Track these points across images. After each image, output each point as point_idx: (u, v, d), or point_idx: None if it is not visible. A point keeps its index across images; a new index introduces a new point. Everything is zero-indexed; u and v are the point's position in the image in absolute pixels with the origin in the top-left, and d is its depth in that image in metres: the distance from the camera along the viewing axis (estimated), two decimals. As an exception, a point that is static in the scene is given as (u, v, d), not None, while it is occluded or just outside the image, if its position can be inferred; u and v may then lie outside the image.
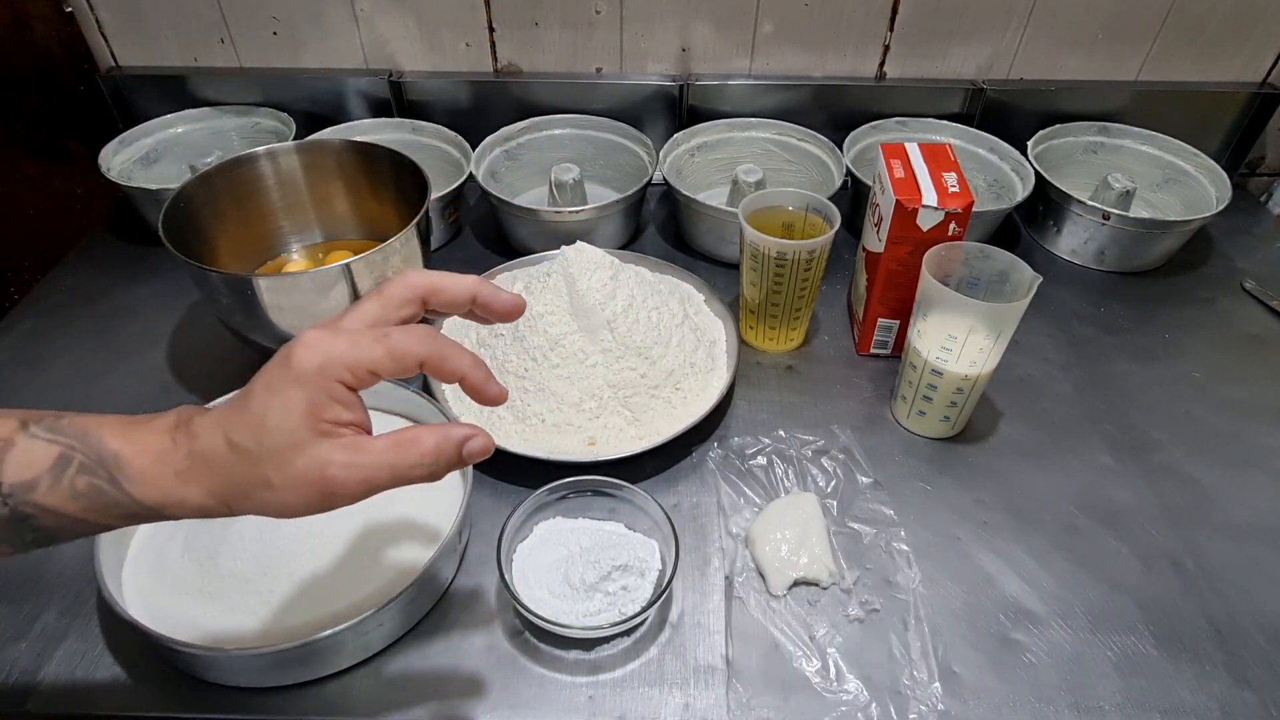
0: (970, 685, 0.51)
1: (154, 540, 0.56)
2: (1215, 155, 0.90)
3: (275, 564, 0.53)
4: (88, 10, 0.91)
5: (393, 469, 0.35)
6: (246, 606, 0.52)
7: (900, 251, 0.66)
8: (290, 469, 0.34)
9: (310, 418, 0.34)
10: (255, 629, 0.51)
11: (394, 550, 0.55)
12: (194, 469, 0.36)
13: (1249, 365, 0.75)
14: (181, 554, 0.54)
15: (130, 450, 0.36)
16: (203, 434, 0.36)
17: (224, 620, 0.51)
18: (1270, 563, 0.59)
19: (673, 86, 0.94)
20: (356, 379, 0.35)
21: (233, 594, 0.52)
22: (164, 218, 0.64)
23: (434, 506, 0.57)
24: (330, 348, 0.35)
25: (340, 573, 0.53)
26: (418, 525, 0.56)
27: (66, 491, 0.35)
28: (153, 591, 0.53)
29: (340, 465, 0.35)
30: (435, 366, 0.37)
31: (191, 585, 0.53)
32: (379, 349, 0.35)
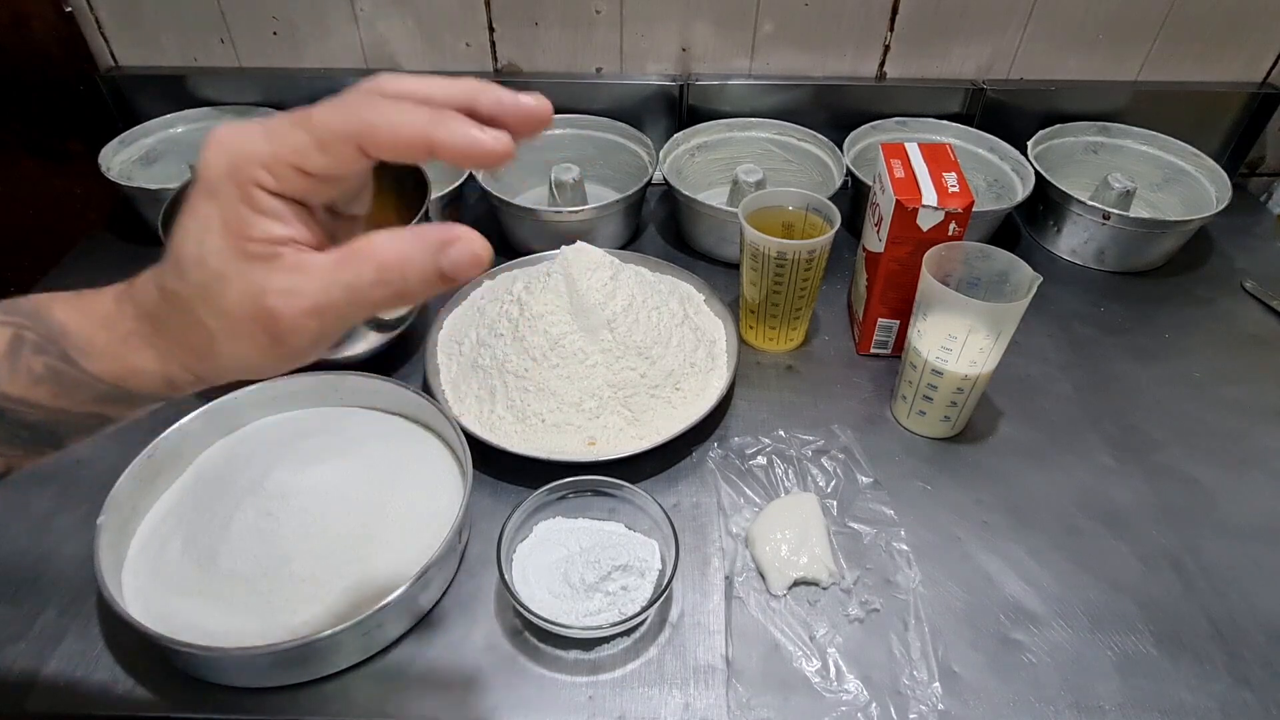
0: (970, 685, 0.51)
1: (153, 540, 0.56)
2: (1215, 155, 0.90)
3: (275, 564, 0.53)
4: (87, 10, 0.91)
5: (348, 289, 0.27)
6: (246, 606, 0.51)
7: (900, 251, 0.66)
8: (223, 305, 0.28)
9: (230, 235, 0.27)
10: (255, 629, 0.50)
11: (394, 550, 0.55)
12: (141, 331, 0.30)
13: (1249, 365, 0.75)
14: (181, 554, 0.54)
15: (75, 320, 0.31)
16: (140, 287, 0.30)
17: (224, 620, 0.51)
18: (1270, 563, 0.59)
19: (673, 86, 0.94)
20: (280, 179, 0.27)
21: (232, 594, 0.52)
22: (164, 218, 0.64)
23: (434, 505, 0.57)
24: (241, 143, 0.27)
25: (340, 573, 0.53)
26: (418, 525, 0.56)
27: (25, 377, 0.31)
28: (152, 591, 0.52)
29: (279, 293, 0.27)
30: (384, 141, 0.27)
31: (191, 585, 0.52)
32: (299, 132, 0.27)
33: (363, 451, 0.61)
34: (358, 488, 0.58)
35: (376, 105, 0.28)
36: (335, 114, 0.28)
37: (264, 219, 0.27)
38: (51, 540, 0.59)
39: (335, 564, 0.54)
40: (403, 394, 0.63)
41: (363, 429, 0.64)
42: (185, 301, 0.28)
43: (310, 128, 0.27)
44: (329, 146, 0.27)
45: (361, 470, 0.59)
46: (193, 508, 0.57)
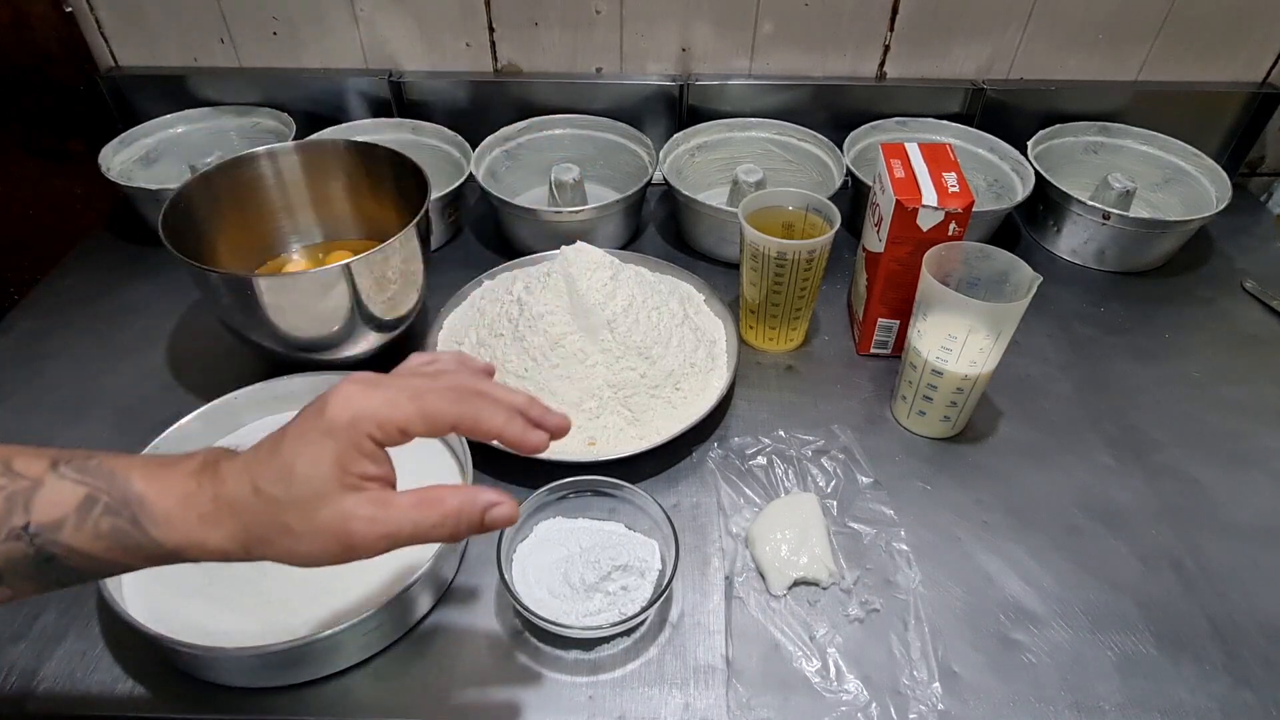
0: (970, 685, 0.51)
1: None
2: (1215, 155, 0.90)
3: (274, 565, 0.53)
4: (88, 10, 0.91)
5: (415, 526, 0.36)
6: (246, 607, 0.52)
7: (900, 251, 0.66)
8: (314, 518, 0.35)
9: (338, 469, 0.35)
10: (255, 629, 0.51)
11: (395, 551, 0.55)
12: (218, 513, 0.36)
13: (1249, 365, 0.75)
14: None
15: (155, 492, 0.36)
16: (230, 479, 0.36)
17: (224, 620, 0.51)
18: (1270, 563, 0.59)
19: (673, 86, 0.94)
20: (385, 435, 0.36)
21: (233, 594, 0.52)
22: (164, 218, 0.64)
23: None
24: (365, 402, 0.36)
25: (340, 573, 0.53)
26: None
27: (91, 532, 0.35)
28: (153, 592, 0.52)
29: (363, 519, 0.35)
30: (469, 428, 0.37)
31: (192, 586, 0.53)
32: (412, 408, 0.36)
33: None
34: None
35: (473, 402, 0.37)
36: (444, 403, 0.37)
37: (366, 460, 0.36)
38: (51, 540, 0.59)
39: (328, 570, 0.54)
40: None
41: None
42: (280, 504, 0.35)
43: (421, 405, 0.36)
44: (434, 424, 0.37)
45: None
46: None
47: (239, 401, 0.63)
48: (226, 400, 0.62)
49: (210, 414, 0.61)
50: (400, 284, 0.67)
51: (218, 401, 0.62)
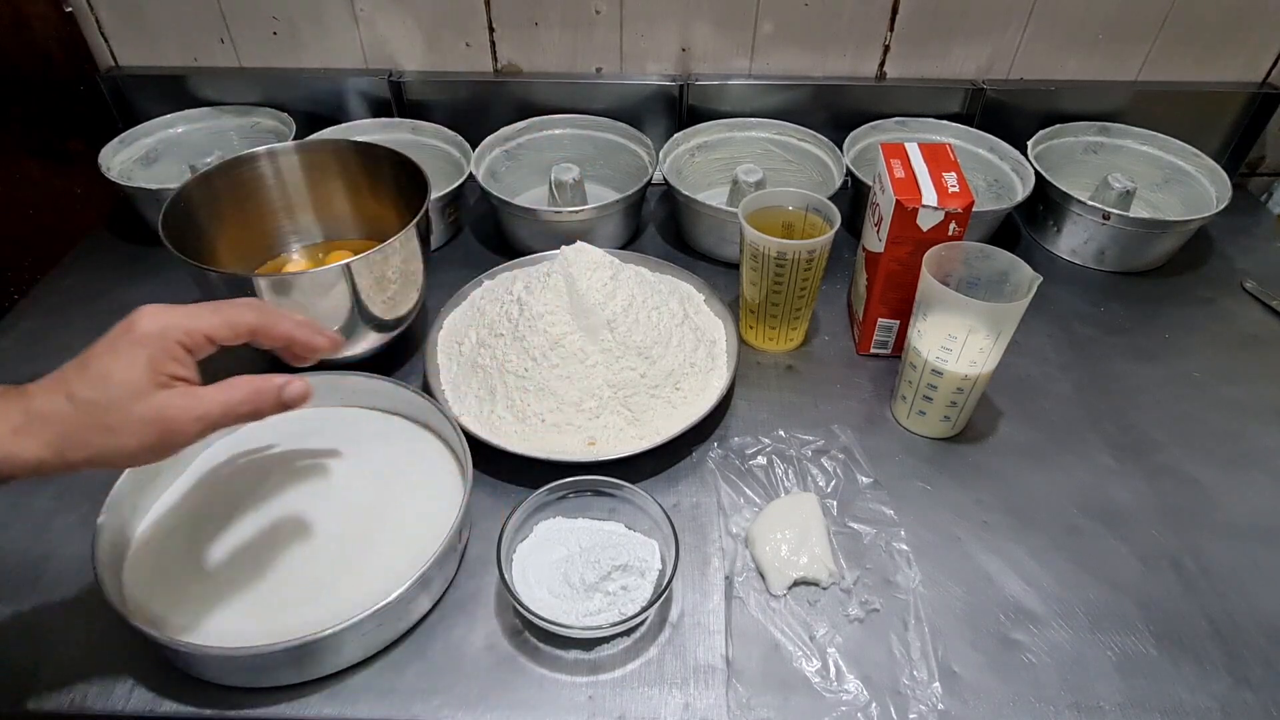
0: (970, 685, 0.51)
1: (154, 540, 0.56)
2: (1215, 155, 0.90)
3: (276, 564, 0.54)
4: (88, 10, 0.91)
5: (224, 406, 0.42)
6: (247, 607, 0.52)
7: (900, 251, 0.66)
8: (132, 413, 0.40)
9: (151, 370, 0.41)
10: (255, 629, 0.51)
11: (394, 550, 0.55)
12: (30, 425, 0.39)
13: (1249, 365, 0.75)
14: (182, 554, 0.54)
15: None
16: (39, 395, 0.40)
17: (224, 621, 0.51)
18: (1270, 563, 0.59)
19: (673, 86, 0.94)
20: (193, 342, 0.42)
21: (233, 595, 0.52)
22: (164, 218, 0.64)
23: (434, 505, 0.57)
24: (171, 316, 0.42)
25: (340, 573, 0.54)
26: (418, 525, 0.56)
27: None
28: (153, 592, 0.52)
29: (178, 406, 0.41)
30: (265, 331, 0.45)
31: (192, 586, 0.53)
32: (216, 318, 0.43)
33: (363, 452, 0.62)
34: (357, 488, 0.59)
35: (268, 313, 0.46)
36: (243, 312, 0.45)
37: (175, 363, 0.42)
38: (51, 540, 0.59)
39: (335, 565, 0.54)
40: (402, 393, 0.63)
41: (363, 429, 0.64)
42: (98, 407, 0.40)
43: (224, 316, 0.44)
44: (235, 329, 0.44)
45: (361, 471, 0.60)
46: (193, 508, 0.58)
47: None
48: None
49: None
50: (400, 284, 0.67)
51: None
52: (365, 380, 0.64)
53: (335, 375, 0.64)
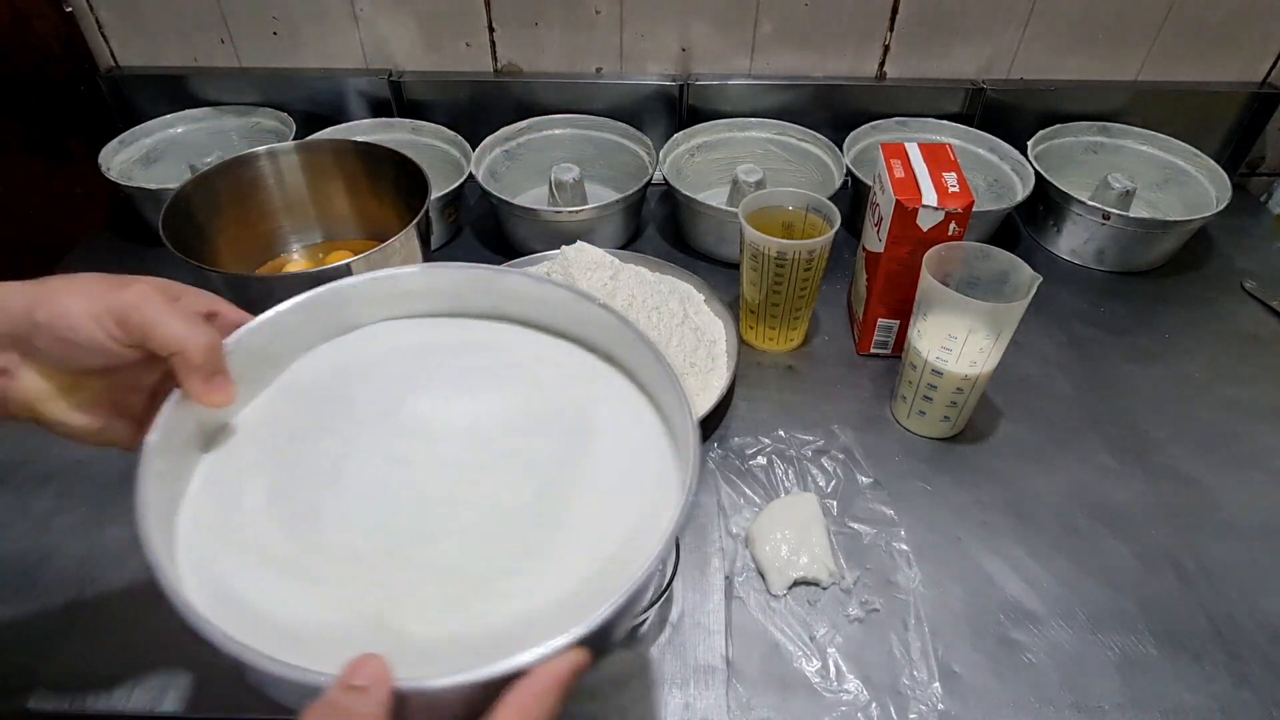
0: (970, 685, 0.51)
1: (223, 478, 0.38)
2: (1215, 155, 0.90)
3: (404, 540, 0.36)
4: (88, 10, 0.91)
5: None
6: (353, 599, 0.34)
7: (900, 251, 0.66)
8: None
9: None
10: (346, 632, 0.33)
11: (581, 540, 0.37)
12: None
13: (1249, 365, 0.76)
14: (264, 505, 0.37)
15: None
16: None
17: (305, 611, 0.33)
18: (1270, 563, 0.59)
19: (673, 86, 0.94)
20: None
21: (336, 577, 0.35)
22: (164, 218, 0.64)
23: (631, 480, 0.39)
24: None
25: (500, 569, 0.35)
26: (611, 505, 0.38)
27: None
28: (215, 553, 0.35)
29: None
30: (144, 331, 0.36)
31: (275, 554, 0.35)
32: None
33: (534, 384, 0.43)
34: (533, 435, 0.40)
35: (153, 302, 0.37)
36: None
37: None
38: (51, 540, 0.59)
39: (494, 554, 0.36)
40: (591, 312, 0.43)
41: (526, 352, 0.45)
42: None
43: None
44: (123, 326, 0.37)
45: (535, 411, 0.41)
46: (286, 437, 0.40)
47: (347, 293, 0.44)
48: (330, 291, 0.43)
49: (312, 305, 0.43)
50: (400, 284, 0.67)
51: (319, 291, 0.43)
52: (532, 284, 0.45)
53: (488, 271, 0.45)
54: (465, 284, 0.45)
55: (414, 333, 0.45)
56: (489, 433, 0.40)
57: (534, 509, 0.37)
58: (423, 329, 0.46)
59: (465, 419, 0.40)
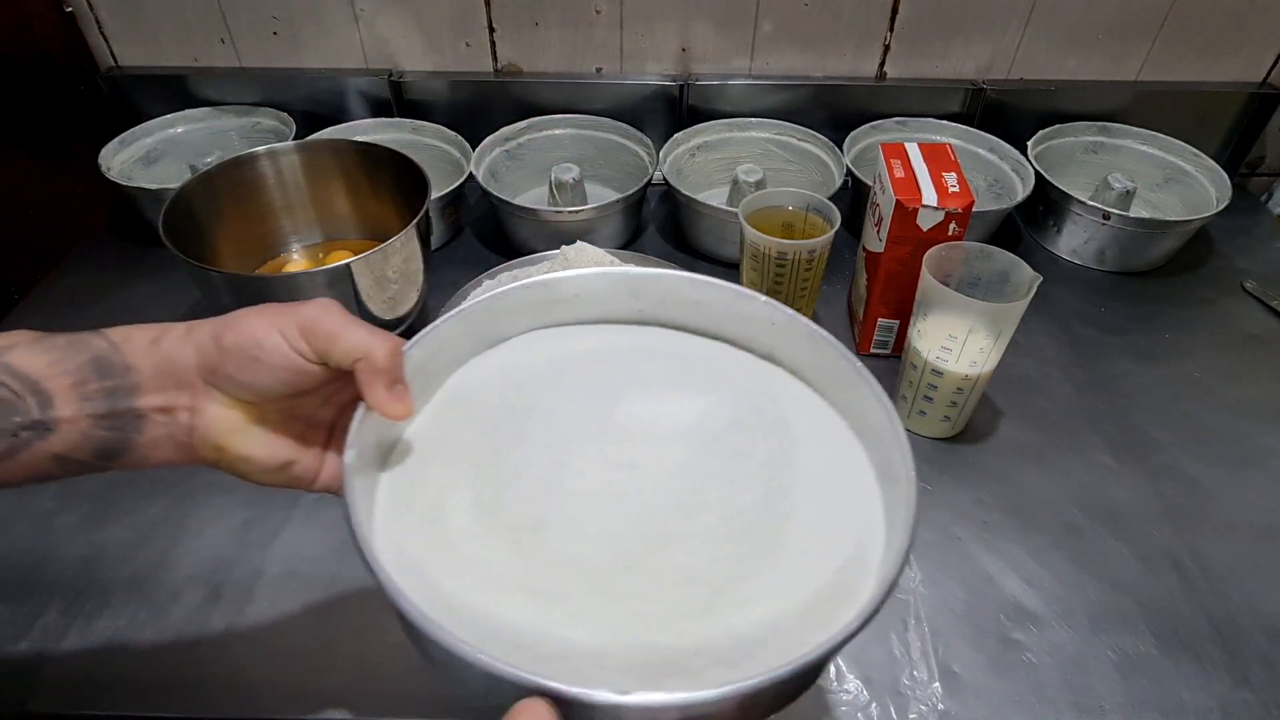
0: (970, 685, 0.51)
1: (412, 494, 0.37)
2: (1215, 155, 0.90)
3: (638, 548, 0.35)
4: (88, 10, 0.91)
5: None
6: (593, 613, 0.33)
7: (900, 251, 0.66)
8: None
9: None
10: (612, 653, 0.32)
11: (805, 541, 0.36)
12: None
13: (1249, 365, 0.75)
14: (476, 521, 0.36)
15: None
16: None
17: (556, 630, 0.32)
18: (1270, 563, 0.59)
19: (673, 86, 0.94)
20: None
21: (571, 591, 0.33)
22: (164, 218, 0.64)
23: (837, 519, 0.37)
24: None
25: (734, 570, 0.34)
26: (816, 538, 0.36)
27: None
28: (436, 577, 0.34)
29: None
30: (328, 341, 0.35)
31: (502, 570, 0.34)
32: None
33: (730, 384, 0.42)
34: (750, 434, 0.39)
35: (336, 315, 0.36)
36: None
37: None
38: (51, 540, 0.59)
39: (731, 558, 0.35)
40: (754, 307, 0.42)
41: (696, 353, 0.44)
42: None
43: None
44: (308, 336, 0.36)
45: (742, 410, 0.40)
46: (480, 451, 0.38)
47: (495, 306, 0.42)
48: (491, 300, 0.42)
49: (466, 319, 0.42)
50: (400, 284, 0.67)
51: (480, 303, 0.42)
52: (693, 286, 0.43)
53: (637, 273, 0.44)
54: (615, 288, 0.44)
55: (574, 340, 0.44)
56: (713, 433, 0.39)
57: (762, 510, 0.37)
58: (582, 336, 0.45)
59: (686, 419, 0.39)
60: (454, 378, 0.42)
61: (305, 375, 0.36)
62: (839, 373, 0.41)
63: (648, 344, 0.44)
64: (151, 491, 0.61)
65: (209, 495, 0.61)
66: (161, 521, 0.59)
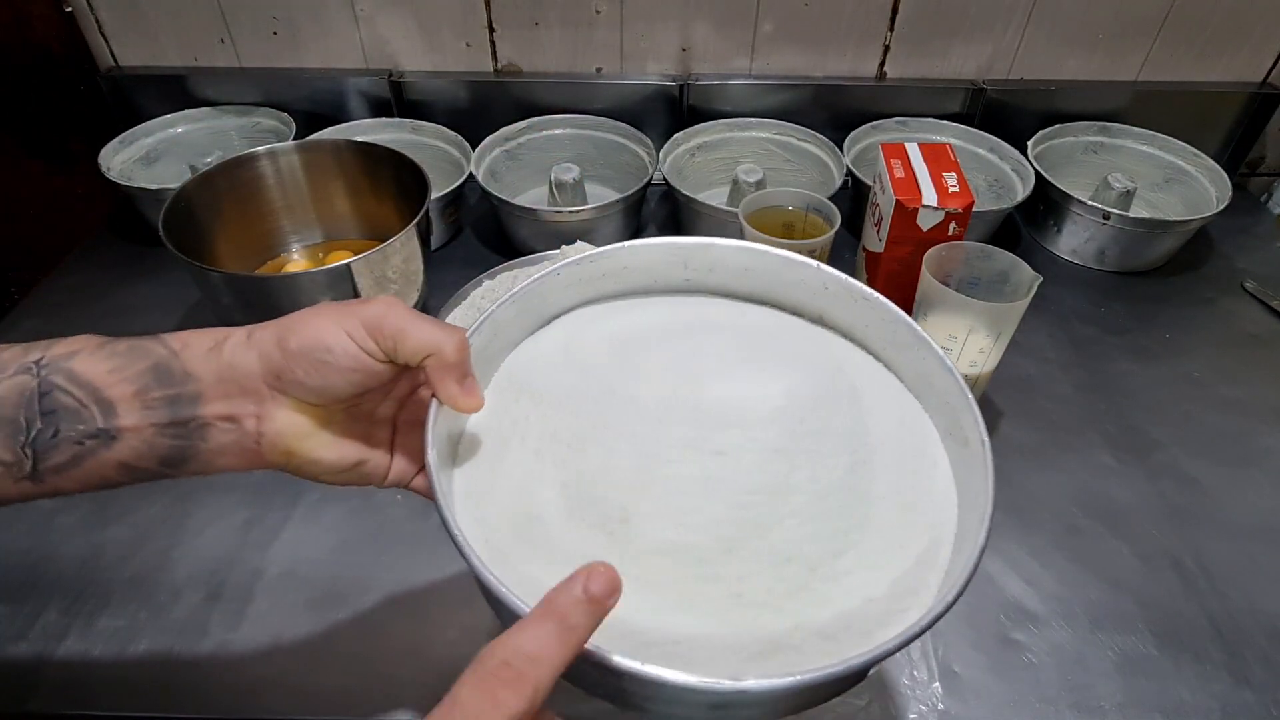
0: (970, 685, 0.51)
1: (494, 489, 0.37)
2: (1215, 155, 0.90)
3: (733, 533, 0.34)
4: (88, 10, 0.91)
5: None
6: (694, 598, 0.33)
7: (900, 251, 0.66)
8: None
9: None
10: (717, 637, 0.32)
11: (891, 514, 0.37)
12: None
13: (1249, 365, 0.75)
14: (567, 514, 0.36)
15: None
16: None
17: (659, 618, 0.33)
18: (1270, 562, 0.59)
19: (673, 86, 0.94)
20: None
21: (668, 579, 0.34)
22: (164, 218, 0.64)
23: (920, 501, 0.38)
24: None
25: (828, 547, 0.35)
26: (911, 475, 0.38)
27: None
28: (534, 573, 0.34)
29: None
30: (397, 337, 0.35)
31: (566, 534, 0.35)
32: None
33: (798, 355, 0.41)
34: (830, 408, 0.38)
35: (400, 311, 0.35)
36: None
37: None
38: (51, 540, 0.59)
39: (824, 535, 0.35)
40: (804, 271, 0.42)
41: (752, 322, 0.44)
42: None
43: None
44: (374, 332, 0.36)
45: (817, 383, 0.39)
46: (559, 442, 0.38)
47: (556, 280, 0.42)
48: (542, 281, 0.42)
49: (525, 298, 0.42)
50: (400, 284, 0.67)
51: (531, 283, 0.42)
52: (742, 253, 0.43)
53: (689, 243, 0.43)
54: (665, 259, 0.44)
55: (630, 316, 0.43)
56: (798, 415, 0.37)
57: (849, 487, 0.37)
58: (636, 312, 0.44)
59: (772, 402, 0.37)
60: (509, 360, 0.42)
61: (374, 375, 0.35)
62: (897, 335, 0.41)
63: (705, 317, 0.43)
64: (151, 491, 0.61)
65: (209, 495, 0.61)
66: (161, 521, 0.59)
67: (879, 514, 0.37)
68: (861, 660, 0.29)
